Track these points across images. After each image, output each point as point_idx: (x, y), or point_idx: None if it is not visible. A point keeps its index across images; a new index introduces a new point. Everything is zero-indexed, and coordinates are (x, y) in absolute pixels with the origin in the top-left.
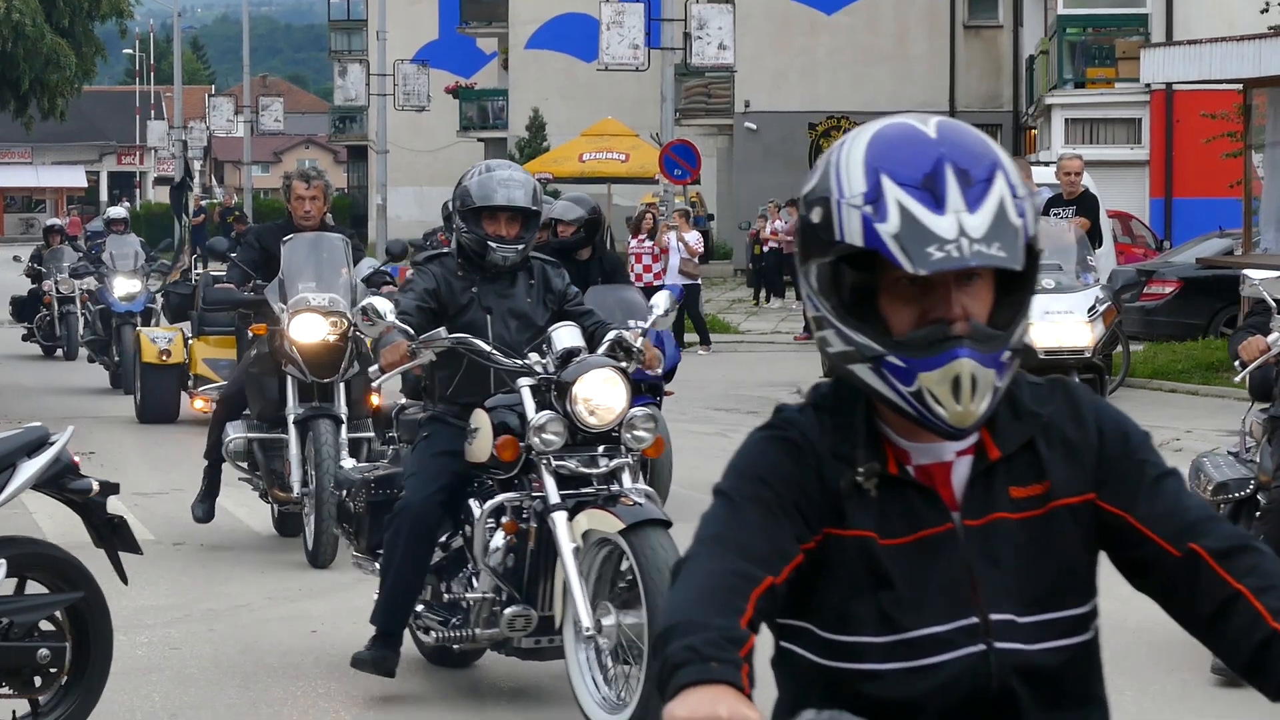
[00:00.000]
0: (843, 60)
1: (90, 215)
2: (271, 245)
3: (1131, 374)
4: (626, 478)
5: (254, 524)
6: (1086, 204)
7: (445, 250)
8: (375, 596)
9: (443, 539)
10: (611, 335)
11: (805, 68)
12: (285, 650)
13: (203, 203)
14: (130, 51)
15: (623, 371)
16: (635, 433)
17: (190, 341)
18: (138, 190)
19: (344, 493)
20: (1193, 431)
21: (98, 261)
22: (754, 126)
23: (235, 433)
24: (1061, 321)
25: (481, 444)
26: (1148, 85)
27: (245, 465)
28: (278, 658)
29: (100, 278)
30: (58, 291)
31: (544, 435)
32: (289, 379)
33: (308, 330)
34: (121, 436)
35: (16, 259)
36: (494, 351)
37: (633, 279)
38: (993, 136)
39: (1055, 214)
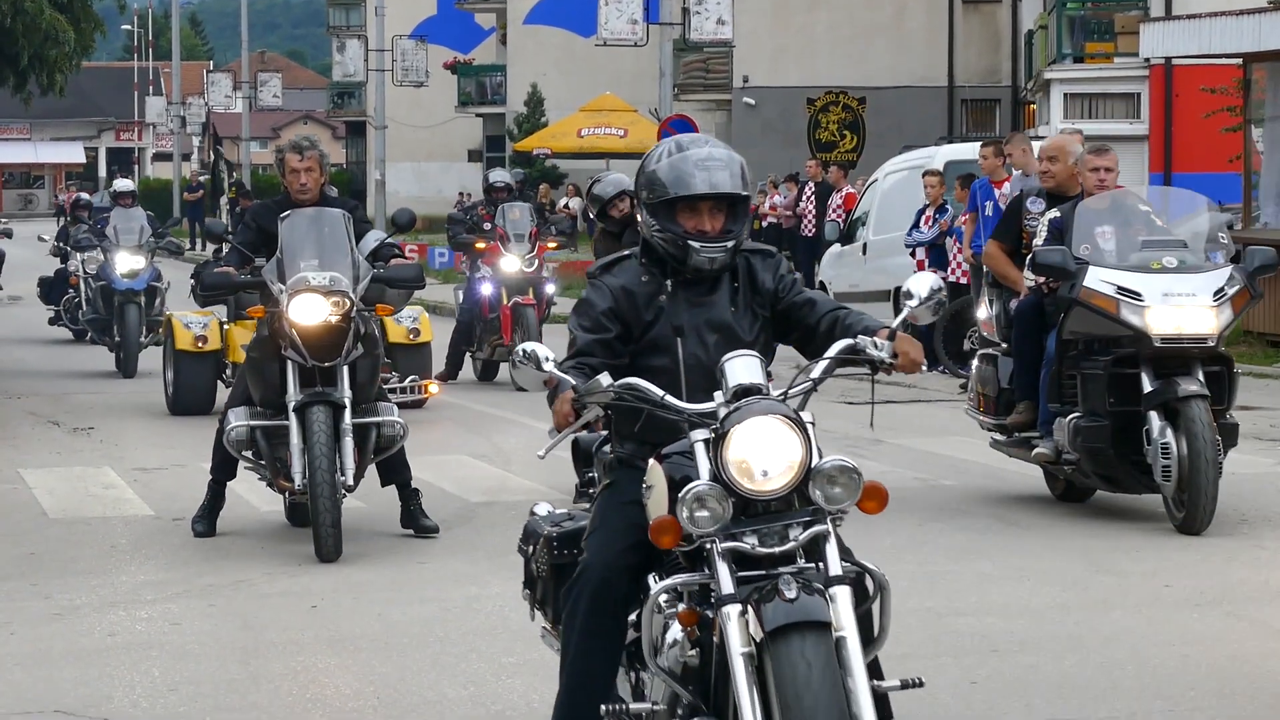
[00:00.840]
0: (841, 35)
1: (87, 190)
2: (270, 224)
3: None
4: (830, 550)
5: (254, 499)
6: None
7: (627, 253)
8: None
9: (633, 616)
10: (843, 343)
11: (804, 43)
12: (285, 626)
13: (200, 178)
14: (129, 27)
15: (794, 418)
16: (830, 490)
17: (227, 326)
18: (136, 166)
19: (529, 549)
20: None
21: (101, 235)
22: (752, 102)
23: (236, 420)
24: (1183, 305)
25: (657, 505)
26: (1147, 60)
27: (250, 454)
28: (277, 633)
29: (103, 252)
30: (85, 271)
31: (697, 514)
32: (289, 363)
33: (307, 311)
34: (121, 411)
35: (42, 238)
36: (666, 397)
37: None
38: (991, 111)
39: None
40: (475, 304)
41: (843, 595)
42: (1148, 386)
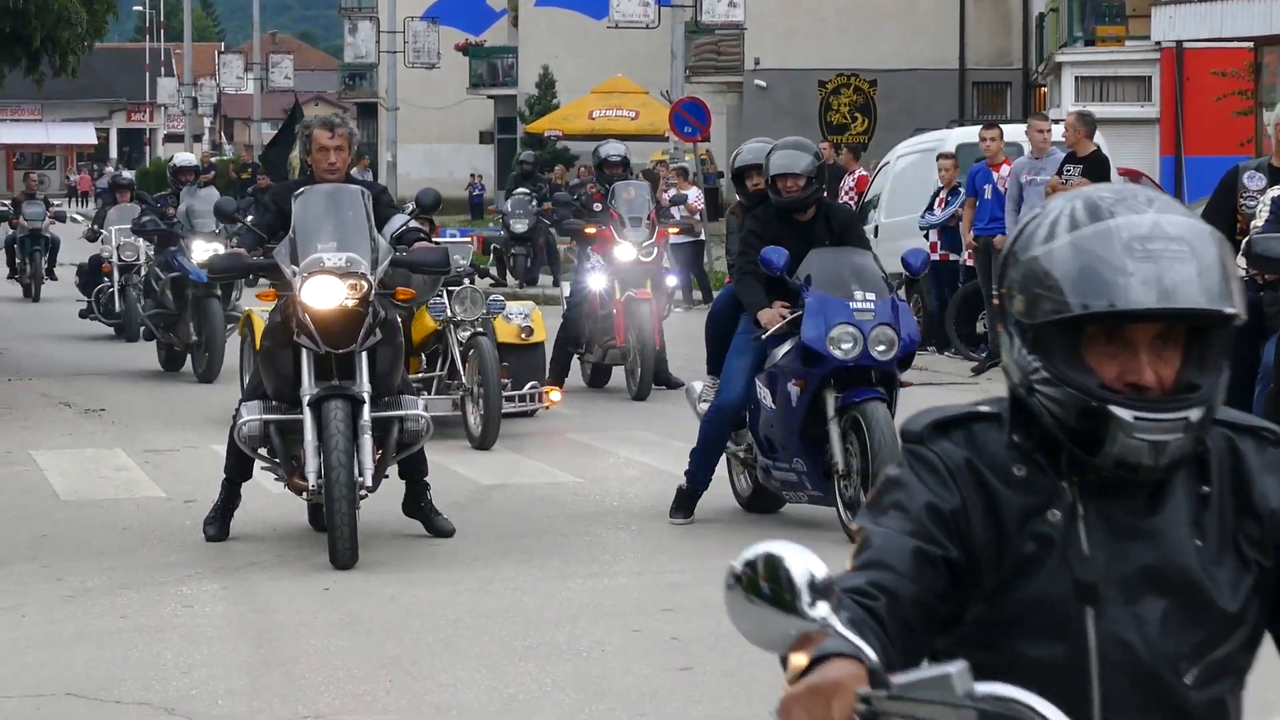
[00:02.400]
0: (852, 18)
1: (99, 170)
2: (289, 205)
3: None
4: None
5: (266, 482)
6: (1096, 162)
7: (984, 409)
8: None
9: None
10: None
11: (815, 25)
12: (297, 608)
13: (213, 159)
14: (140, 8)
15: None
16: None
17: None
18: (147, 147)
19: None
20: None
21: (165, 217)
22: (764, 84)
23: (249, 414)
24: None
25: None
26: (1158, 43)
27: (265, 451)
28: (290, 615)
29: (170, 238)
30: (120, 258)
31: None
32: (304, 353)
33: (322, 295)
34: (132, 392)
35: (74, 219)
36: None
37: None
38: (1002, 94)
39: (1066, 170)
40: (584, 299)
41: None
42: None
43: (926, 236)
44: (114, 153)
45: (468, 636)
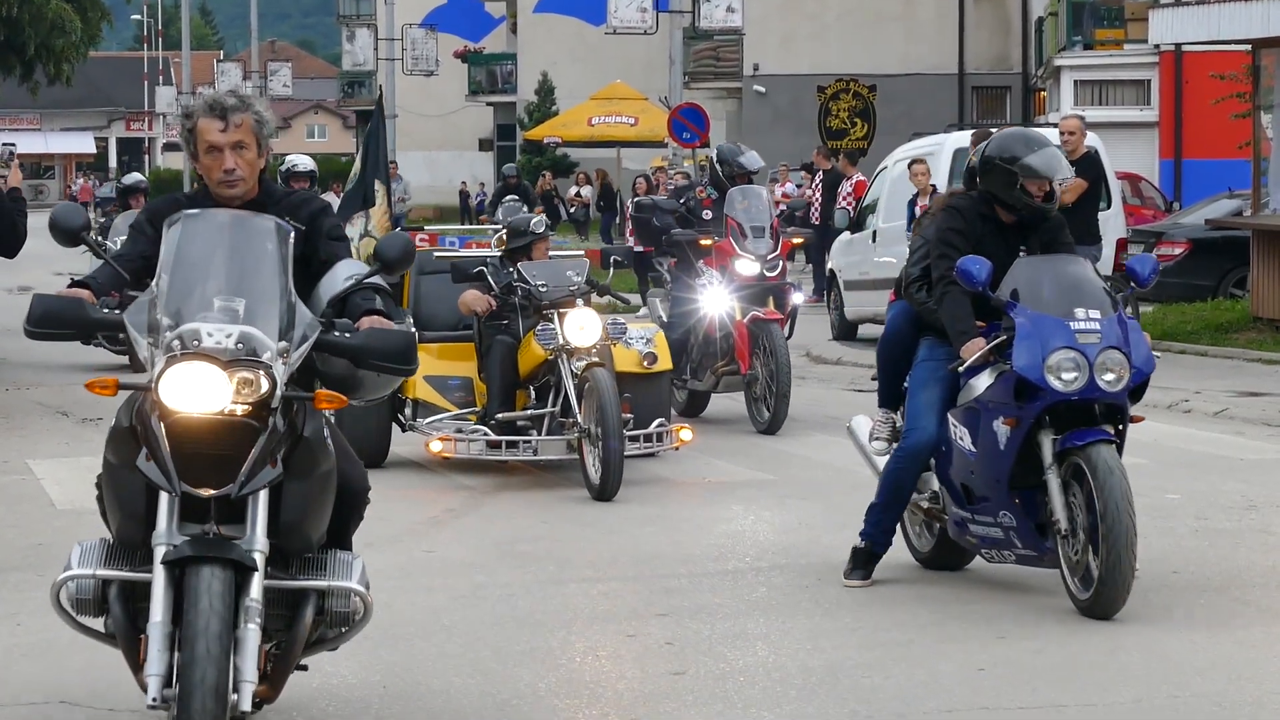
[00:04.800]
0: (851, 23)
1: (99, 180)
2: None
3: None
4: None
5: None
6: (1088, 164)
7: None
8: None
9: None
10: None
11: (814, 30)
12: None
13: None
14: (138, 17)
15: None
16: None
17: None
18: (146, 156)
19: None
20: (1201, 393)
21: None
22: (763, 90)
23: (79, 563)
24: None
25: None
26: (1156, 46)
27: (100, 624)
28: None
29: None
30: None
31: None
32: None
33: (189, 393)
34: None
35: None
36: None
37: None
38: (1002, 99)
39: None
40: (694, 319)
41: None
42: None
43: None
44: (113, 161)
45: (462, 642)
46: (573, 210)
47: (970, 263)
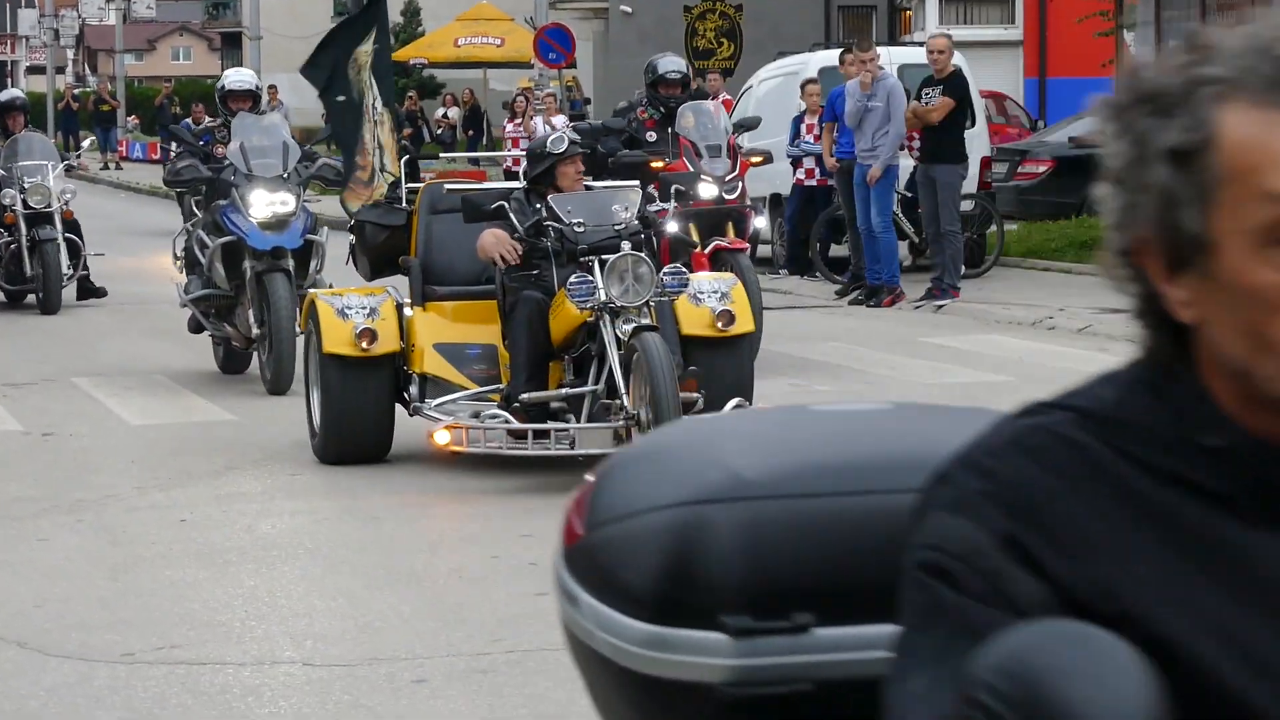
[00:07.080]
0: None
1: None
2: None
3: (1006, 253)
4: None
5: (124, 413)
6: (955, 84)
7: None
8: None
9: None
10: None
11: None
12: (154, 540)
13: (75, 91)
14: None
15: None
16: None
17: (408, 314)
18: (9, 80)
19: None
20: (1066, 309)
21: (211, 158)
22: (629, 10)
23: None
24: None
25: None
26: None
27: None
28: (146, 547)
29: (218, 187)
30: (25, 205)
31: None
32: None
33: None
34: None
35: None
36: None
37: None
38: (868, 19)
39: (925, 94)
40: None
41: None
42: None
43: (797, 164)
44: None
45: (324, 566)
46: (439, 132)
47: None
